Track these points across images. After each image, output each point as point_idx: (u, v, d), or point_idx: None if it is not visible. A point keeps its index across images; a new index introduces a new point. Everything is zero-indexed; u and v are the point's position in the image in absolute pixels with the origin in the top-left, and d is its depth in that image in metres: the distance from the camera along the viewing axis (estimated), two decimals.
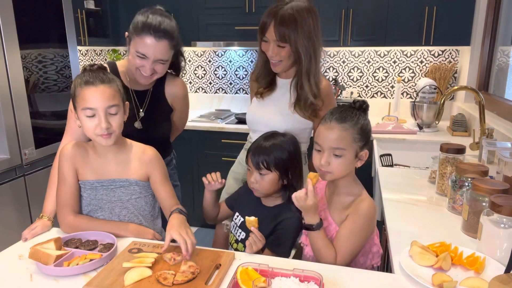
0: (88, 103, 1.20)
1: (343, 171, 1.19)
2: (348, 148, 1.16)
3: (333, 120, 1.18)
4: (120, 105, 1.25)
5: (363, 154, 1.20)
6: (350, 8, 2.84)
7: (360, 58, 3.26)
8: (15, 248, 1.23)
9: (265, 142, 1.35)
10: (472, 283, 0.97)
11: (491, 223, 1.07)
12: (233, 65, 3.55)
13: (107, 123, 1.21)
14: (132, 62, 1.46)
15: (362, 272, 1.08)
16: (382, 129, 2.64)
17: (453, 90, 2.12)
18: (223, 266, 1.08)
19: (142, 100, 1.58)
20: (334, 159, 1.17)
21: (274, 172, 1.32)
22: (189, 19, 3.15)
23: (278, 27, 1.46)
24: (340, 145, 1.16)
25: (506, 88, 2.50)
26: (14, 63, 2.03)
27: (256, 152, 1.34)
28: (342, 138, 1.15)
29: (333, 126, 1.17)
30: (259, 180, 1.33)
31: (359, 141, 1.17)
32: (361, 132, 1.17)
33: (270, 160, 1.31)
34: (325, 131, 1.18)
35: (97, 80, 1.21)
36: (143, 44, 1.40)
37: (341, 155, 1.16)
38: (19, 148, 2.08)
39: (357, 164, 1.21)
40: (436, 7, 2.70)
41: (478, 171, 1.33)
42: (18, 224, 2.08)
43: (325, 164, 1.17)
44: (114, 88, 1.24)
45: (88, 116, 1.21)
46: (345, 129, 1.16)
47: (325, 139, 1.17)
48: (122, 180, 1.32)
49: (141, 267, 1.05)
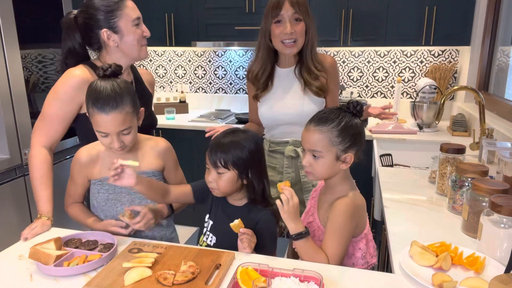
0: (100, 128, 1.25)
1: (324, 173, 1.20)
2: (324, 151, 1.16)
3: (312, 122, 1.19)
4: (132, 124, 1.28)
5: (347, 157, 1.18)
6: (350, 8, 2.84)
7: (360, 58, 3.26)
8: (15, 248, 1.23)
9: (223, 138, 1.24)
10: (472, 283, 0.97)
11: (491, 223, 1.07)
12: (233, 65, 3.55)
13: (120, 142, 1.27)
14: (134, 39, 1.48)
15: (362, 272, 1.08)
16: (382, 129, 2.64)
17: (453, 90, 2.12)
18: (223, 266, 1.08)
19: None
20: (313, 161, 1.18)
21: (232, 171, 1.22)
22: (189, 19, 3.15)
23: (293, 3, 1.58)
24: (316, 147, 1.16)
25: (506, 88, 2.50)
26: (14, 63, 2.03)
27: (213, 149, 1.23)
28: (318, 141, 1.16)
29: (309, 129, 1.18)
30: (216, 179, 1.23)
31: (339, 144, 1.16)
32: (343, 134, 1.15)
33: (228, 158, 1.20)
34: (304, 133, 1.21)
35: (107, 106, 1.21)
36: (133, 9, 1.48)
37: (319, 157, 1.17)
38: (19, 148, 2.08)
39: (342, 166, 1.19)
40: (436, 7, 2.70)
41: (478, 171, 1.33)
42: (18, 224, 2.08)
43: (306, 165, 1.20)
44: (126, 110, 1.24)
45: (102, 136, 1.27)
46: (321, 132, 1.16)
47: (303, 141, 1.21)
48: (138, 172, 1.32)
49: (141, 267, 1.05)
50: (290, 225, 1.13)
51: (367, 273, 1.08)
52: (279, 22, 1.59)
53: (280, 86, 1.73)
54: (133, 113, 1.28)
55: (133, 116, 1.29)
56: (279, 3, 1.58)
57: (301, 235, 1.12)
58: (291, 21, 1.58)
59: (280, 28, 1.59)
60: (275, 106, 1.71)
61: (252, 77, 1.74)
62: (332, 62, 1.73)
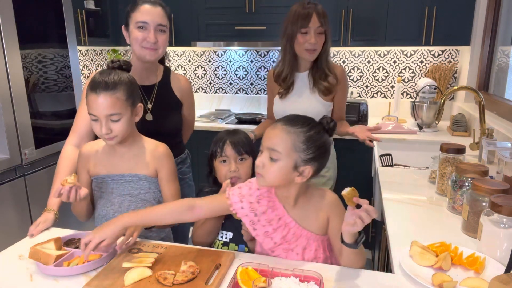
0: (90, 109, 1.25)
1: (276, 179, 1.09)
2: (284, 154, 1.06)
3: (280, 121, 1.11)
4: (123, 113, 1.26)
5: (306, 170, 1.08)
6: (350, 8, 2.84)
7: (360, 58, 3.26)
8: (15, 248, 1.23)
9: (235, 134, 1.40)
10: (472, 283, 0.97)
11: (491, 223, 1.07)
12: (233, 65, 3.55)
13: (108, 129, 1.24)
14: (134, 40, 1.53)
15: (362, 272, 1.08)
16: (382, 129, 2.64)
17: (453, 90, 2.12)
18: (223, 266, 1.08)
19: (150, 94, 1.63)
20: (268, 163, 1.08)
21: (250, 158, 1.37)
22: (189, 19, 3.15)
23: (320, 16, 1.75)
24: (277, 147, 1.06)
25: (506, 88, 2.50)
26: (14, 63, 2.03)
27: (233, 139, 1.37)
28: (281, 141, 1.07)
29: (276, 126, 1.10)
30: (240, 167, 1.35)
31: (301, 152, 1.07)
32: (309, 142, 1.07)
33: (249, 146, 1.38)
34: (268, 130, 1.11)
35: (100, 87, 1.22)
36: (140, 13, 1.52)
37: (276, 159, 1.07)
38: (19, 148, 2.08)
39: (297, 179, 1.09)
40: (436, 7, 2.70)
41: (478, 171, 1.33)
42: (18, 224, 2.08)
43: (259, 165, 1.09)
44: (117, 95, 1.23)
45: (93, 120, 1.26)
46: (288, 132, 1.07)
47: (266, 138, 1.10)
48: (131, 175, 1.36)
49: (141, 267, 1.05)
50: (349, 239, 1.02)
51: (367, 273, 1.08)
52: (305, 33, 1.74)
53: (296, 91, 1.89)
54: (125, 102, 1.25)
55: (126, 105, 1.26)
56: (308, 16, 1.73)
57: (362, 239, 1.04)
58: (315, 33, 1.74)
59: (305, 38, 1.75)
60: (290, 106, 1.86)
61: (281, 78, 1.89)
62: (342, 71, 1.89)
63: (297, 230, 1.16)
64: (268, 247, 1.17)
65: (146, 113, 1.58)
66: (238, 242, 1.33)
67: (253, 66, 3.49)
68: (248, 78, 3.53)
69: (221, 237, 1.37)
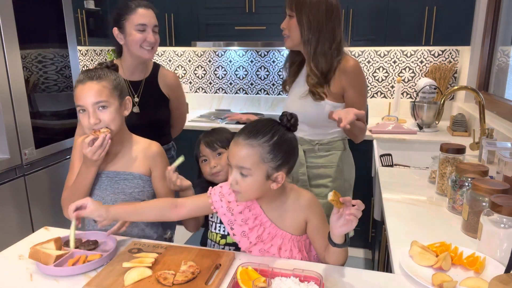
0: (77, 100, 1.26)
1: (252, 193, 1.10)
2: (254, 168, 1.05)
3: (242, 135, 1.07)
4: (110, 101, 1.27)
5: (279, 176, 1.08)
6: (350, 8, 2.84)
7: (360, 58, 3.25)
8: (15, 248, 1.23)
9: (210, 132, 1.47)
10: (472, 283, 0.97)
11: (491, 223, 1.07)
12: (233, 65, 3.55)
13: (96, 118, 1.25)
14: (134, 41, 1.66)
15: (362, 272, 1.08)
16: (382, 129, 2.64)
17: (453, 90, 2.12)
18: (223, 266, 1.08)
19: (136, 89, 1.77)
20: (240, 179, 1.07)
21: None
22: (189, 19, 3.14)
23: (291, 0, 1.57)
24: (245, 164, 1.05)
25: (506, 88, 2.50)
26: (14, 63, 2.03)
27: (207, 138, 1.43)
28: (247, 157, 1.04)
29: (238, 142, 1.07)
30: (218, 162, 1.40)
31: (270, 161, 1.05)
32: (275, 150, 1.06)
33: (222, 139, 1.42)
34: (231, 147, 1.09)
35: (86, 78, 1.25)
36: (138, 15, 1.66)
37: (247, 175, 1.06)
38: (19, 148, 2.08)
39: (272, 186, 1.09)
40: (436, 7, 2.70)
41: (478, 171, 1.33)
42: (18, 224, 2.08)
43: (233, 183, 1.08)
44: (103, 84, 1.26)
45: (81, 112, 1.27)
46: (252, 146, 1.05)
47: (231, 156, 1.08)
48: (126, 173, 1.36)
49: (141, 267, 1.05)
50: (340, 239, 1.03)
51: (367, 273, 1.08)
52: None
53: (295, 85, 1.74)
54: (112, 91, 1.27)
55: (113, 95, 1.27)
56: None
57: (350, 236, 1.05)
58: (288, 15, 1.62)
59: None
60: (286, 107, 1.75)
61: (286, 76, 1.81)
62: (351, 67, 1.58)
63: (273, 229, 1.17)
64: (244, 247, 1.18)
65: (133, 106, 1.66)
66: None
67: (253, 66, 3.49)
68: (248, 78, 3.53)
69: (218, 230, 1.38)
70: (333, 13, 1.56)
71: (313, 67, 1.58)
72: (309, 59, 1.59)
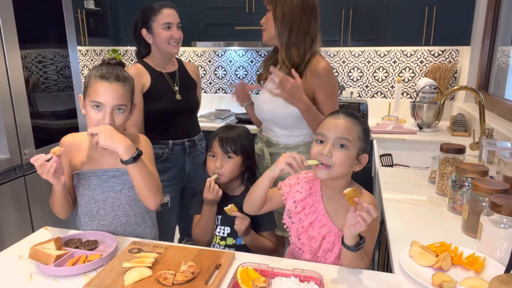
0: (98, 97, 1.22)
1: (343, 167, 1.12)
2: (353, 142, 1.12)
3: (341, 113, 1.17)
4: (128, 106, 1.28)
5: (363, 158, 1.17)
6: (350, 8, 2.84)
7: (360, 58, 3.26)
8: (15, 248, 1.23)
9: (229, 131, 1.46)
10: (472, 283, 0.97)
11: (491, 223, 1.07)
12: (233, 65, 3.55)
13: (111, 120, 1.23)
14: (162, 39, 1.85)
15: (362, 272, 1.08)
16: (382, 129, 2.64)
17: (453, 90, 2.12)
18: (223, 266, 1.08)
19: (173, 79, 1.98)
20: (337, 151, 1.11)
21: (239, 156, 1.43)
22: (189, 19, 3.14)
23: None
24: (347, 135, 1.12)
25: (506, 88, 2.50)
26: (14, 63, 2.03)
27: (223, 138, 1.43)
28: (351, 130, 1.13)
29: (340, 117, 1.15)
30: (224, 164, 1.41)
31: (362, 141, 1.15)
32: (365, 133, 1.17)
33: (237, 144, 1.43)
34: (332, 121, 1.15)
35: (112, 76, 1.23)
36: (165, 15, 1.86)
37: (346, 147, 1.11)
38: (19, 148, 2.08)
39: (355, 168, 1.17)
40: (436, 7, 2.70)
41: (478, 171, 1.33)
42: (18, 224, 2.08)
43: (327, 155, 1.10)
44: (127, 88, 1.27)
45: (94, 108, 1.24)
46: (353, 123, 1.14)
47: (332, 129, 1.13)
48: (113, 170, 1.33)
49: (141, 267, 1.05)
50: (350, 241, 1.03)
51: (367, 273, 1.08)
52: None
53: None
54: (130, 97, 1.29)
55: (130, 100, 1.29)
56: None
57: (362, 244, 1.04)
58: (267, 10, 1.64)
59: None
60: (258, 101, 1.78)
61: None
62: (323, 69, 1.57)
63: (324, 219, 1.20)
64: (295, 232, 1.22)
65: (175, 94, 1.93)
66: (236, 236, 1.43)
67: (253, 66, 3.49)
68: (248, 78, 3.53)
69: (218, 232, 1.44)
70: (308, 6, 1.57)
71: (285, 59, 1.58)
72: (282, 49, 1.59)
